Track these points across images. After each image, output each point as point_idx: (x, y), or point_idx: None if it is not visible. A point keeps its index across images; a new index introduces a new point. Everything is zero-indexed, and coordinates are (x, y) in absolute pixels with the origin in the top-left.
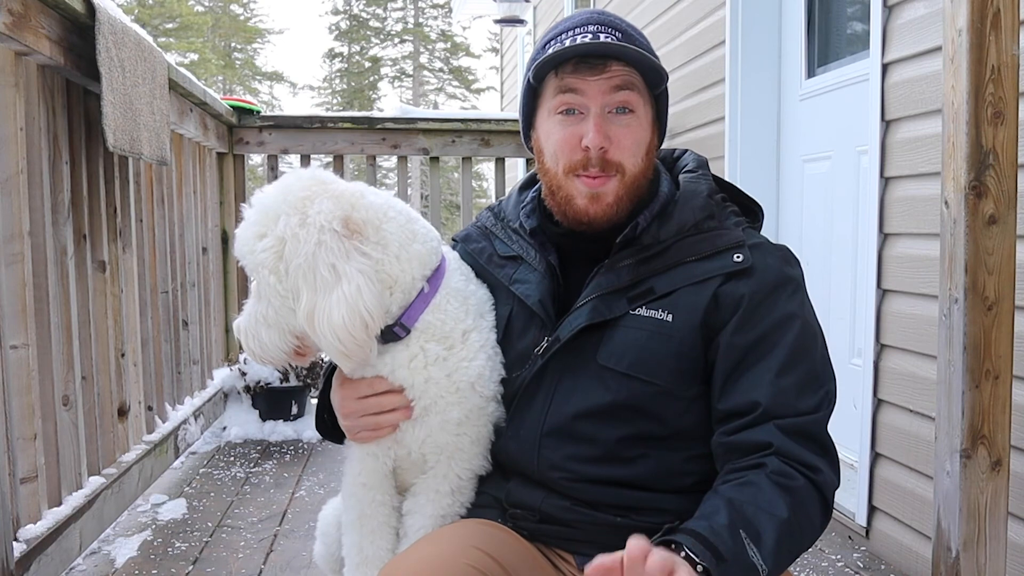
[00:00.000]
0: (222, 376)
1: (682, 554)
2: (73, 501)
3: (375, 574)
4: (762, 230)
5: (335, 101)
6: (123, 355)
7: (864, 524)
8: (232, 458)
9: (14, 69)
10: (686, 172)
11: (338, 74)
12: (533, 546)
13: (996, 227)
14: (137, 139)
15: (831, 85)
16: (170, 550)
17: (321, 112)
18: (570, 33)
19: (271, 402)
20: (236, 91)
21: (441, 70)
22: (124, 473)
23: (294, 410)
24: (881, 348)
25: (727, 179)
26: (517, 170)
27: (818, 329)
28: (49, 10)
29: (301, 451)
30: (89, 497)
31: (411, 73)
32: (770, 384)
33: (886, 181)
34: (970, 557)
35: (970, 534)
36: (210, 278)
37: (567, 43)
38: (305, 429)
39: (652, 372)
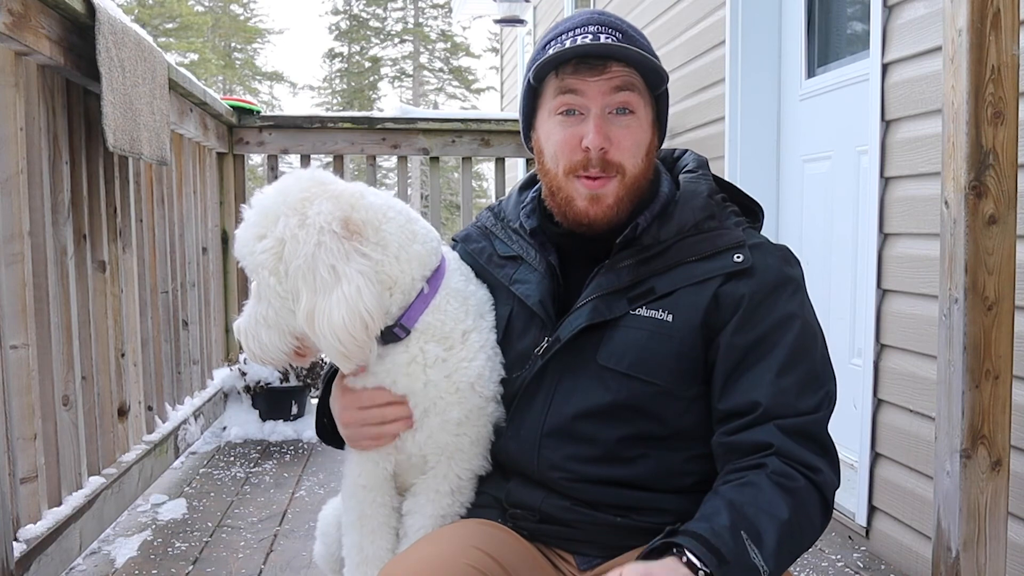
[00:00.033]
0: (222, 376)
1: (684, 558)
2: (73, 501)
3: (375, 574)
4: (762, 230)
5: (335, 101)
6: (123, 355)
7: (864, 524)
8: (232, 458)
9: (14, 69)
10: (686, 172)
11: (338, 74)
12: (533, 546)
13: (996, 227)
14: (137, 139)
15: (831, 85)
16: (170, 550)
17: (321, 112)
18: (570, 34)
19: (271, 402)
20: (236, 91)
21: (441, 70)
22: (124, 473)
23: (294, 410)
24: (881, 348)
25: (727, 179)
26: (517, 170)
27: (818, 329)
28: (49, 10)
29: (301, 451)
30: (89, 497)
31: (411, 73)
32: (770, 384)
33: (886, 181)
34: (970, 557)
35: (970, 534)
36: (210, 278)
37: (567, 44)
38: (305, 429)
39: (652, 372)
